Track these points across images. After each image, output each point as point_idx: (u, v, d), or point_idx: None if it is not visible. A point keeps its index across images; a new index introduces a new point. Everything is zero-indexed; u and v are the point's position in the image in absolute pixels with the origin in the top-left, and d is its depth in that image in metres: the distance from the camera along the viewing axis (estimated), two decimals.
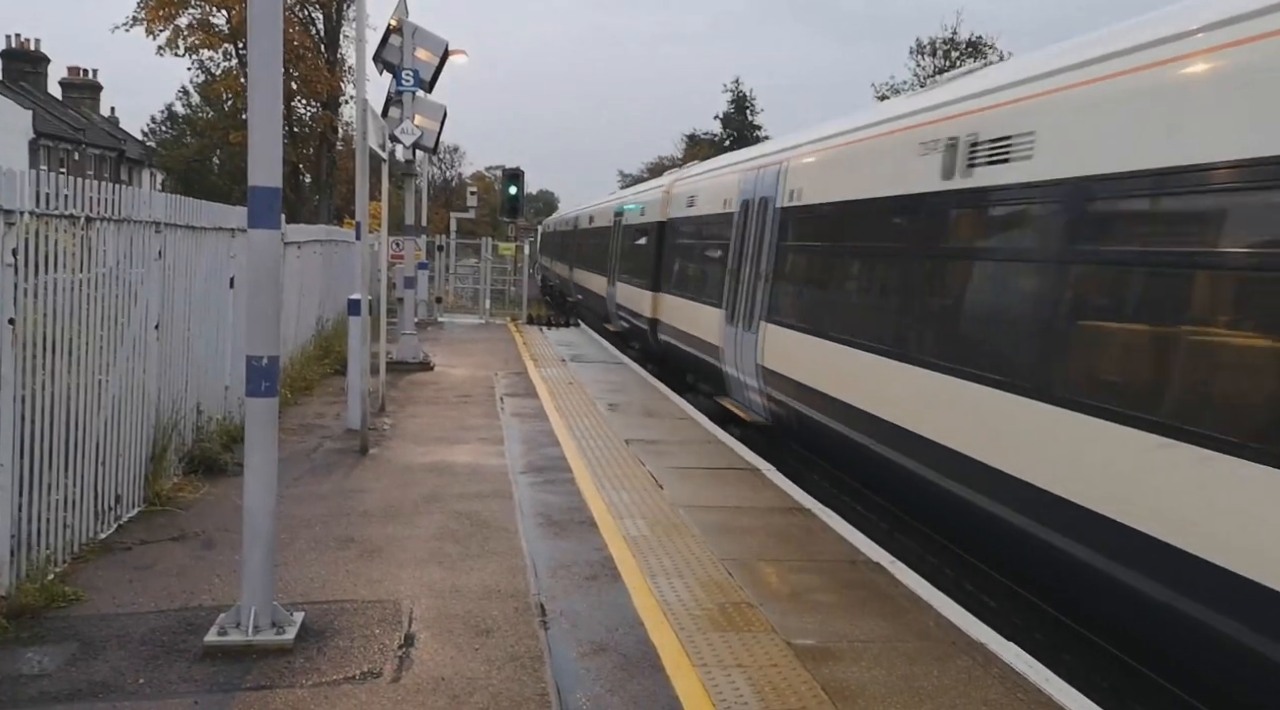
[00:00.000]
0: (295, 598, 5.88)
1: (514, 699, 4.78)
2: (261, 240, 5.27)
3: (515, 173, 25.27)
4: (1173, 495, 5.01)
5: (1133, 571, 5.28)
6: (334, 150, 39.19)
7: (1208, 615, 4.81)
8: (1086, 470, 5.67)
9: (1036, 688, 5.09)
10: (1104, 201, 5.95)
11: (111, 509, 7.00)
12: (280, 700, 4.68)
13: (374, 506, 8.08)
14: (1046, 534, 6.05)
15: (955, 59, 51.52)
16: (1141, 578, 5.22)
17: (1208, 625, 4.80)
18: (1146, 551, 5.07)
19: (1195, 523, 4.85)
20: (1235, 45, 5.05)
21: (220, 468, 8.70)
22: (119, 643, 5.22)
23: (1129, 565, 5.31)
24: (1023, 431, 6.36)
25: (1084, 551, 5.67)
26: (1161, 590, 5.09)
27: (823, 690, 4.98)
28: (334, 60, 37.30)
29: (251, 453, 5.34)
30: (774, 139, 14.05)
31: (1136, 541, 5.14)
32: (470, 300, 30.91)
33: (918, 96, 9.44)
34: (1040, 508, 6.04)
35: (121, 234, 7.01)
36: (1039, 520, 6.13)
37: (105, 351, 6.79)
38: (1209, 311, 5.23)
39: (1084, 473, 5.68)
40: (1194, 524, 4.85)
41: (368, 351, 10.90)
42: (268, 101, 5.23)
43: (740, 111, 68.36)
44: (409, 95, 15.42)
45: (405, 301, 17.71)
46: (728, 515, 8.21)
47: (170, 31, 35.41)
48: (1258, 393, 4.78)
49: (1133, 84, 5.77)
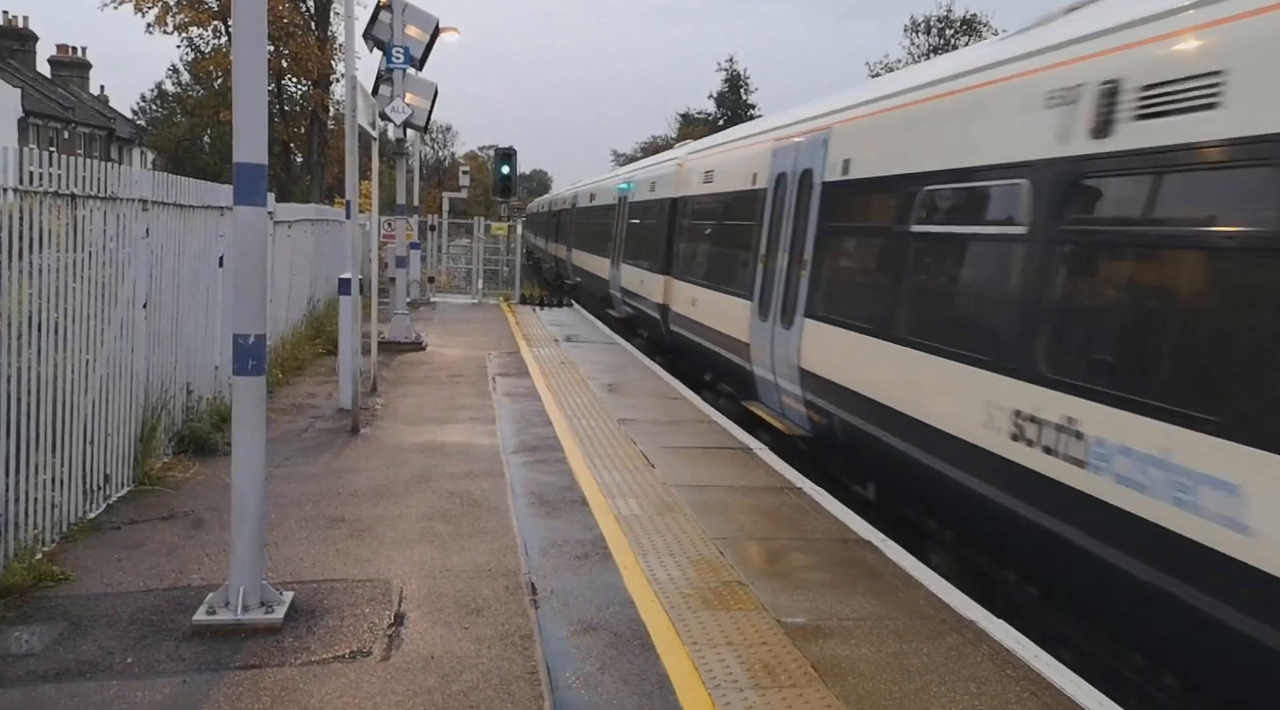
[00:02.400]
0: (285, 577, 5.87)
1: (504, 677, 4.78)
2: (248, 217, 5.22)
3: (508, 152, 25.12)
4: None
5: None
6: (325, 129, 38.95)
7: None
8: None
9: (1026, 664, 5.10)
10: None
11: (100, 489, 6.97)
12: (269, 679, 4.67)
13: (365, 486, 8.07)
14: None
15: (950, 38, 51.35)
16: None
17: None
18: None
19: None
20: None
21: (210, 447, 8.67)
22: (107, 622, 5.20)
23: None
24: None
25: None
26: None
27: (812, 668, 4.98)
28: (324, 37, 37.04)
29: (240, 432, 5.31)
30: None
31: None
32: (463, 280, 30.81)
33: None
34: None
35: (108, 213, 6.95)
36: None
37: (93, 331, 6.74)
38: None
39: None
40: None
41: (359, 331, 10.85)
42: (253, 77, 5.16)
43: (734, 90, 68.22)
44: (399, 73, 15.28)
45: (397, 281, 17.67)
46: (719, 494, 8.20)
47: (159, 9, 35.19)
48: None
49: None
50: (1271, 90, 4.58)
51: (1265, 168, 4.58)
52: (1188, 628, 4.76)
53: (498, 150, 26.23)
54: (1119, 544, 5.18)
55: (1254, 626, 4.34)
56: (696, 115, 70.25)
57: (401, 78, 15.30)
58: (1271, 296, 4.56)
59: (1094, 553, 5.39)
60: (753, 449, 9.92)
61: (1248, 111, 4.68)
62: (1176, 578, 4.81)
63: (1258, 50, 4.71)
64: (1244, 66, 4.74)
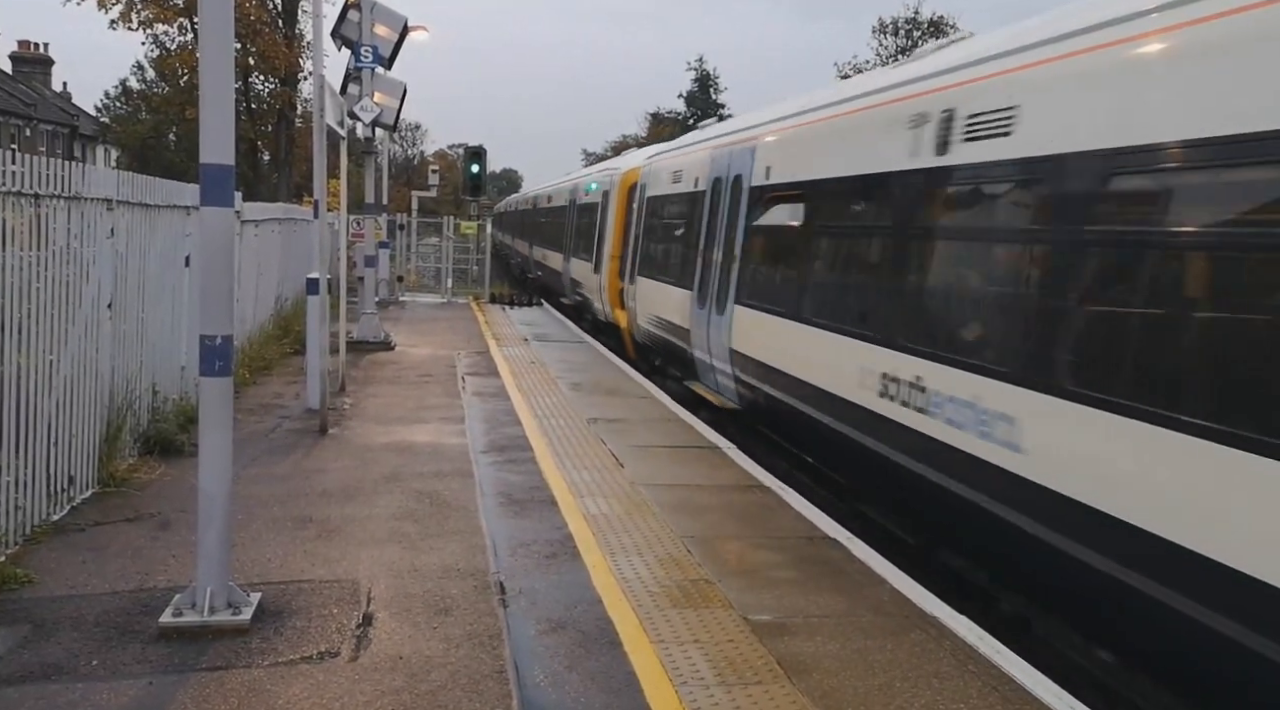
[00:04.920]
0: (252, 578, 5.86)
1: (472, 676, 4.80)
2: (214, 217, 5.21)
3: (477, 151, 25.07)
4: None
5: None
6: (293, 127, 38.60)
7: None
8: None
9: (988, 660, 5.19)
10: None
11: (65, 490, 6.91)
12: (236, 680, 4.67)
13: (333, 486, 8.05)
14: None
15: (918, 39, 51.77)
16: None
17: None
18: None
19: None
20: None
21: (177, 448, 8.61)
22: (72, 624, 5.17)
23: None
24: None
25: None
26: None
27: (778, 664, 5.05)
28: (292, 35, 36.65)
29: (206, 433, 5.30)
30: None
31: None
32: (432, 279, 30.68)
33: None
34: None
35: (72, 212, 6.89)
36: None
37: (56, 331, 6.69)
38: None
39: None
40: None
41: (327, 330, 10.81)
42: (220, 76, 5.15)
43: (704, 90, 68.40)
44: (368, 72, 15.26)
45: (366, 280, 17.60)
46: (688, 493, 8.26)
47: (124, 4, 34.65)
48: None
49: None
50: (1052, 121, 6.05)
51: (1040, 184, 6.12)
52: (988, 525, 6.27)
53: (467, 149, 26.19)
54: (949, 471, 6.70)
55: (1025, 521, 5.86)
56: (667, 114, 70.37)
57: (370, 76, 15.27)
58: (1025, 282, 6.26)
59: (935, 481, 6.86)
60: (721, 448, 9.99)
61: (1033, 138, 6.18)
62: (981, 492, 6.31)
63: (1041, 92, 6.23)
64: (1030, 104, 6.26)
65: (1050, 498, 5.58)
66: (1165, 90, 5.27)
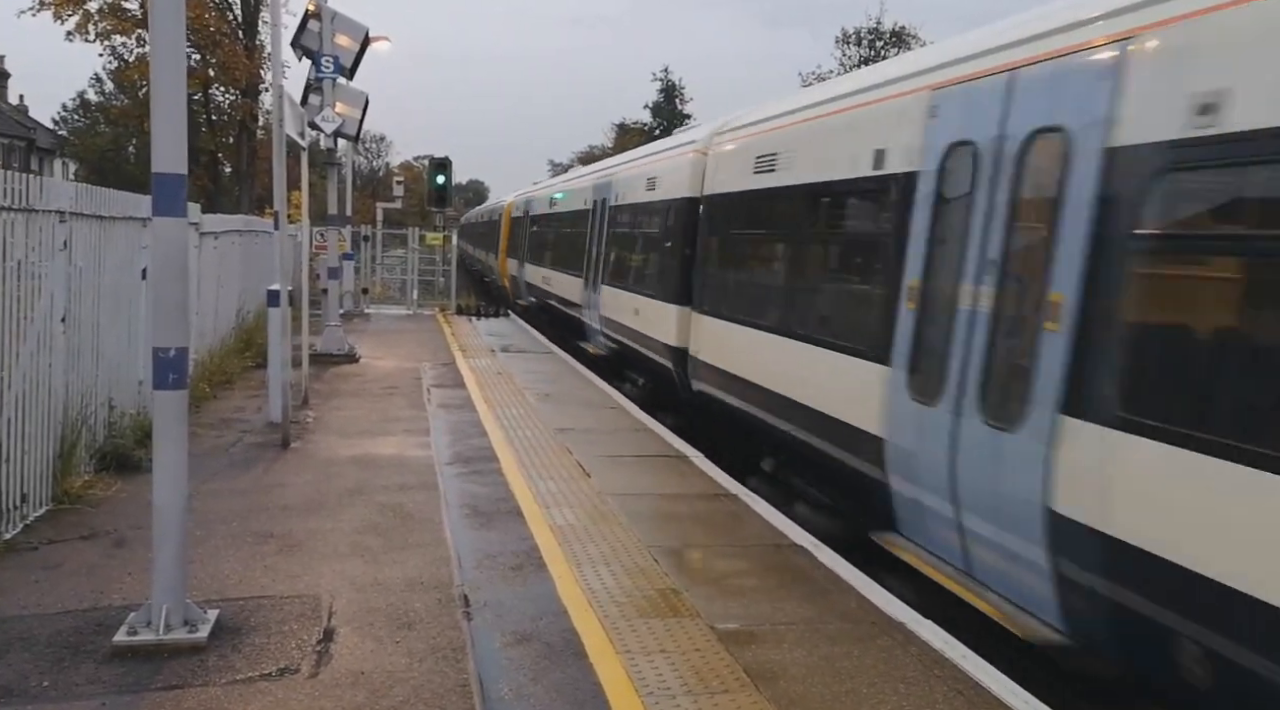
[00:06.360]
0: (210, 595, 5.74)
1: (435, 691, 4.73)
2: (167, 229, 5.13)
3: (443, 162, 24.92)
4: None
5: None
6: (254, 138, 38.21)
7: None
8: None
9: (953, 664, 5.19)
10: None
11: (17, 508, 6.76)
12: (192, 699, 4.56)
13: (295, 501, 7.93)
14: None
15: (880, 49, 52.21)
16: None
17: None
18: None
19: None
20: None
21: (134, 464, 8.45)
22: (23, 645, 5.04)
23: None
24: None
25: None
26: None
27: (745, 673, 5.01)
28: (252, 46, 36.31)
29: (161, 447, 5.20)
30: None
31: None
32: (398, 291, 30.47)
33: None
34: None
35: (23, 224, 6.75)
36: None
37: (6, 346, 6.54)
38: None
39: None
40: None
41: (289, 343, 10.67)
42: (171, 84, 5.07)
43: (670, 100, 68.52)
44: (329, 82, 15.13)
45: (329, 292, 17.41)
46: (655, 502, 8.22)
47: (80, 16, 34.16)
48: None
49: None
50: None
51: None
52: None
53: (432, 160, 26.03)
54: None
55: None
56: (632, 125, 70.41)
57: (331, 87, 15.14)
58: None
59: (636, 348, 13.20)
60: (689, 457, 9.96)
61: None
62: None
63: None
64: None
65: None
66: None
